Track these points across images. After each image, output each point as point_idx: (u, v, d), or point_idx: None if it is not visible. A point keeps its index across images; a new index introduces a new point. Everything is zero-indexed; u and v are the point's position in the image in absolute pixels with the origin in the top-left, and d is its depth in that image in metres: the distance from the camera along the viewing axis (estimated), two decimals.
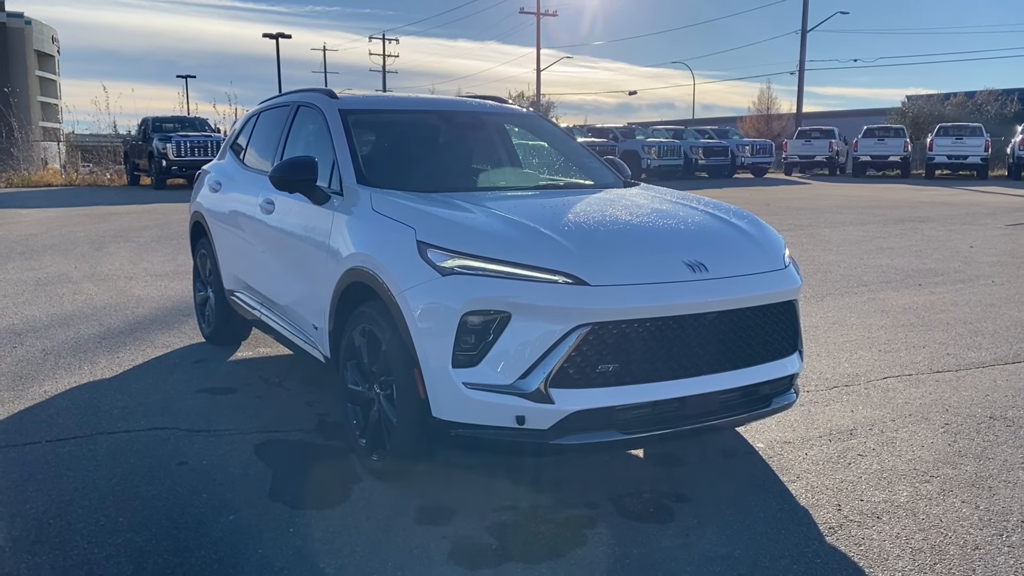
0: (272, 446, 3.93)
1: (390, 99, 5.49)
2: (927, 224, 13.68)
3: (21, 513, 3.21)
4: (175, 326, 6.38)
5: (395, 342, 3.28)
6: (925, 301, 7.32)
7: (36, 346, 5.73)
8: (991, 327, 6.31)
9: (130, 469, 3.64)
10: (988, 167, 28.95)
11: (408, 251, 3.29)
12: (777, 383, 3.46)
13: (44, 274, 8.74)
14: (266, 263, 4.75)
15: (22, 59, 72.16)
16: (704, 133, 34.06)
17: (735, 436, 4.02)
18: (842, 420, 4.28)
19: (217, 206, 5.53)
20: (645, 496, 3.40)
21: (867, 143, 30.89)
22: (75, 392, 4.74)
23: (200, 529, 3.09)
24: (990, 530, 3.10)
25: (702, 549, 2.97)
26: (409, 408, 3.25)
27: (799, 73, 41.77)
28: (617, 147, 27.48)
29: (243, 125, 5.81)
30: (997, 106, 42.19)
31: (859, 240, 11.61)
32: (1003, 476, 3.59)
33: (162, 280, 8.39)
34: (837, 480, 3.55)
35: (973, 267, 9.18)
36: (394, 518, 3.19)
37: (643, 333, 3.08)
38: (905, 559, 2.89)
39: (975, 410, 4.42)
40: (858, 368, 5.24)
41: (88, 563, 2.84)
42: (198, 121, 26.11)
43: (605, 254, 3.24)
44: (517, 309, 3.03)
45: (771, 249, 3.63)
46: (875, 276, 8.62)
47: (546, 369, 2.99)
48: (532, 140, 5.37)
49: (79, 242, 11.36)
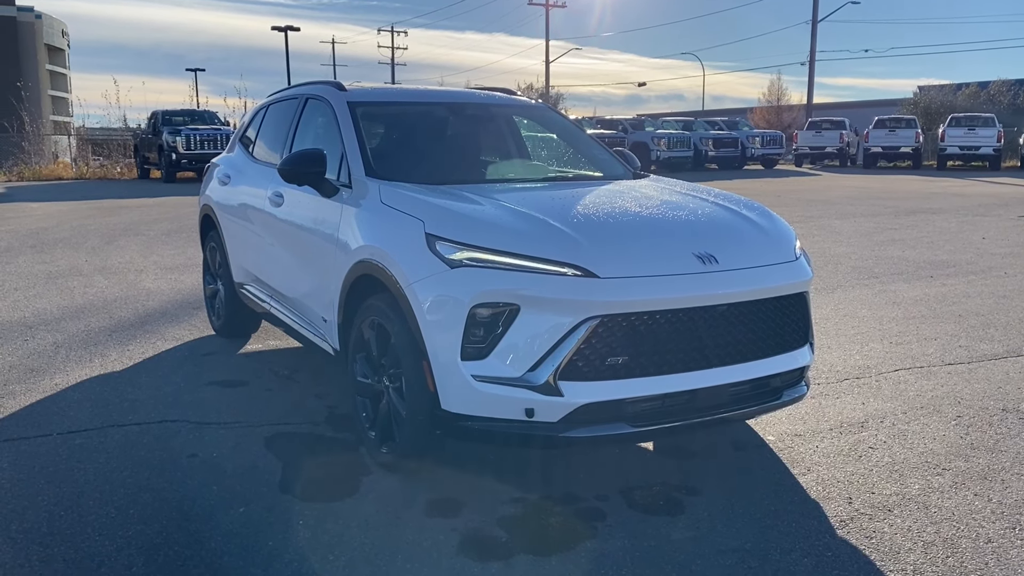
0: (282, 439, 3.94)
1: (398, 91, 5.48)
2: (939, 215, 13.59)
3: (33, 505, 3.23)
4: (185, 319, 6.39)
5: (404, 335, 3.28)
6: (937, 293, 7.28)
7: (47, 339, 5.76)
8: (1003, 319, 6.27)
9: (140, 462, 3.66)
10: (1001, 158, 28.74)
11: (417, 243, 3.29)
12: (788, 375, 3.44)
13: (55, 267, 8.77)
14: (275, 256, 4.75)
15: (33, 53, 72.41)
16: (714, 124, 33.94)
17: (746, 429, 4.01)
18: (853, 413, 4.25)
19: (226, 199, 5.54)
20: (655, 489, 3.40)
21: (878, 134, 30.66)
22: (86, 385, 4.76)
23: (210, 521, 3.10)
24: (1003, 523, 3.08)
25: (712, 542, 2.96)
26: (418, 401, 3.24)
27: (810, 64, 41.54)
28: (627, 139, 27.44)
29: (252, 118, 5.81)
30: (1010, 96, 41.83)
31: (870, 232, 11.54)
32: (1016, 469, 3.56)
33: (172, 273, 8.41)
34: (848, 473, 3.53)
35: (985, 259, 9.11)
36: (404, 511, 3.19)
37: (653, 325, 3.07)
38: (917, 552, 2.88)
39: (987, 402, 4.39)
40: (869, 360, 5.21)
41: (99, 555, 2.85)
42: (207, 114, 26.14)
43: (614, 246, 3.22)
44: (526, 301, 3.02)
45: (782, 241, 3.61)
46: (886, 268, 8.57)
47: (555, 362, 2.98)
48: (541, 132, 5.34)
49: (90, 235, 11.41)
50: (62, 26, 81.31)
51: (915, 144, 30.18)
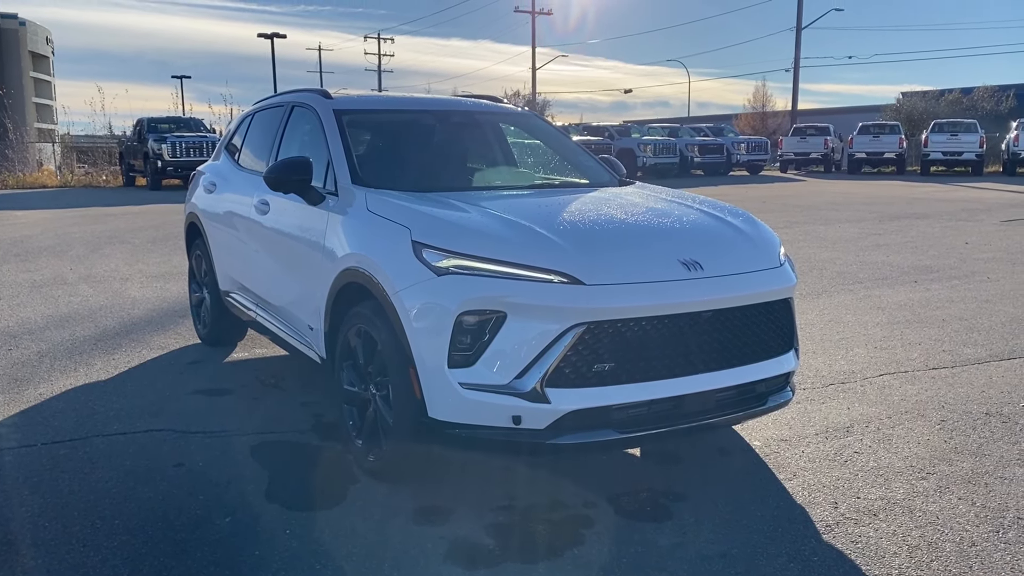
0: (268, 447, 3.92)
1: (384, 99, 5.49)
2: (922, 220, 13.70)
3: (17, 516, 3.20)
4: (171, 327, 6.36)
5: (391, 342, 3.28)
6: (920, 298, 7.33)
7: (31, 348, 5.72)
8: (986, 323, 6.32)
9: (126, 471, 3.63)
10: (983, 163, 29.01)
11: (403, 251, 3.29)
12: (773, 381, 3.46)
13: (39, 276, 8.72)
14: (261, 264, 4.74)
15: (17, 61, 71.87)
16: (700, 131, 34.06)
17: (731, 434, 4.02)
18: (838, 417, 4.28)
19: (212, 207, 5.52)
20: (642, 495, 3.40)
21: (862, 140, 30.88)
22: (71, 394, 4.73)
23: (197, 531, 3.08)
24: (986, 527, 3.10)
25: (699, 548, 2.97)
26: (405, 408, 3.24)
27: (794, 70, 41.84)
28: (613, 145, 27.49)
29: (238, 126, 5.80)
30: (993, 102, 42.25)
31: (854, 237, 11.62)
32: (999, 472, 3.59)
33: (158, 281, 8.37)
34: (834, 478, 3.55)
35: (968, 263, 9.19)
36: (391, 518, 3.19)
37: (639, 332, 3.08)
38: (902, 556, 2.90)
39: (971, 406, 4.43)
40: (854, 365, 5.24)
41: (84, 566, 2.83)
42: (193, 121, 26.06)
43: (600, 253, 3.23)
44: (513, 309, 3.03)
45: (766, 247, 3.63)
46: (870, 273, 8.63)
47: (542, 369, 2.99)
48: (527, 139, 5.36)
49: (74, 244, 11.34)
50: (46, 33, 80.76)
51: (899, 150, 30.43)
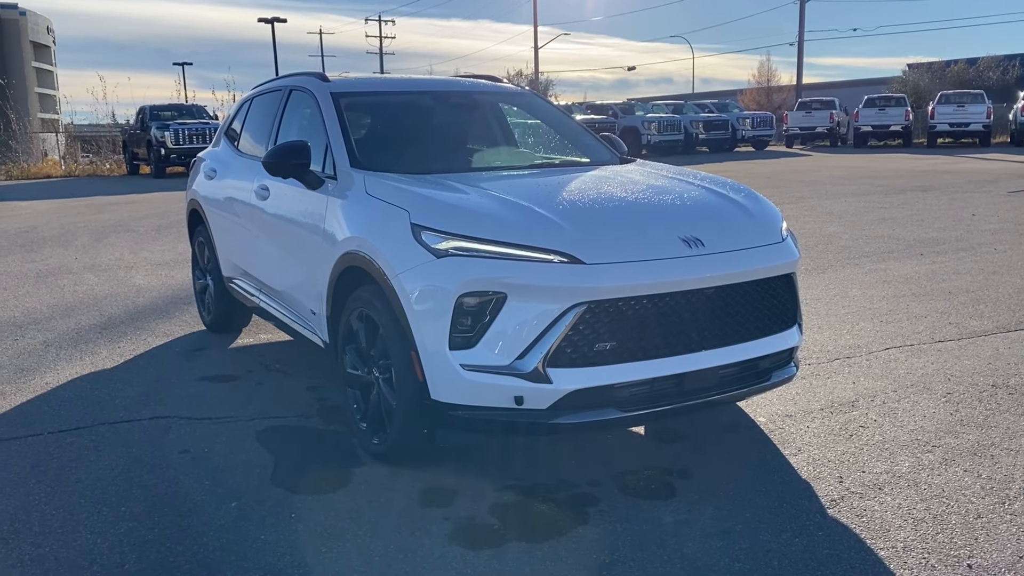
0: (274, 432, 3.94)
1: (383, 81, 5.45)
2: (929, 193, 13.61)
3: (24, 505, 3.22)
4: (176, 315, 6.38)
5: (392, 326, 3.27)
6: (927, 270, 7.29)
7: (37, 338, 5.74)
8: (993, 295, 6.28)
9: (132, 459, 3.65)
10: (991, 134, 28.74)
11: (402, 234, 3.28)
12: (777, 357, 3.45)
13: (45, 266, 8.74)
14: (263, 250, 4.73)
15: (18, 51, 71.75)
16: (704, 107, 33.83)
17: (736, 410, 4.02)
18: (843, 392, 4.27)
19: (213, 193, 5.51)
20: (646, 473, 3.41)
21: (868, 113, 30.62)
22: (76, 383, 4.74)
23: (202, 516, 3.10)
24: (992, 499, 3.10)
25: (704, 524, 2.97)
26: (408, 391, 3.24)
27: (798, 44, 41.48)
28: (617, 123, 27.34)
29: (237, 111, 5.78)
30: (999, 72, 41.84)
31: (861, 211, 11.55)
32: (1005, 444, 3.58)
33: (162, 269, 8.38)
34: (839, 452, 3.54)
35: (975, 235, 9.13)
36: (396, 501, 3.19)
37: (640, 310, 3.07)
38: (907, 530, 2.89)
39: (977, 379, 4.41)
40: (859, 339, 5.22)
41: (91, 553, 2.85)
42: (196, 108, 25.99)
43: (600, 232, 3.21)
44: (513, 289, 3.02)
45: (768, 222, 3.60)
46: (877, 247, 8.58)
47: (543, 349, 2.98)
48: (527, 119, 5.33)
49: (79, 233, 11.36)
50: (47, 22, 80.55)
51: (905, 122, 30.16)
